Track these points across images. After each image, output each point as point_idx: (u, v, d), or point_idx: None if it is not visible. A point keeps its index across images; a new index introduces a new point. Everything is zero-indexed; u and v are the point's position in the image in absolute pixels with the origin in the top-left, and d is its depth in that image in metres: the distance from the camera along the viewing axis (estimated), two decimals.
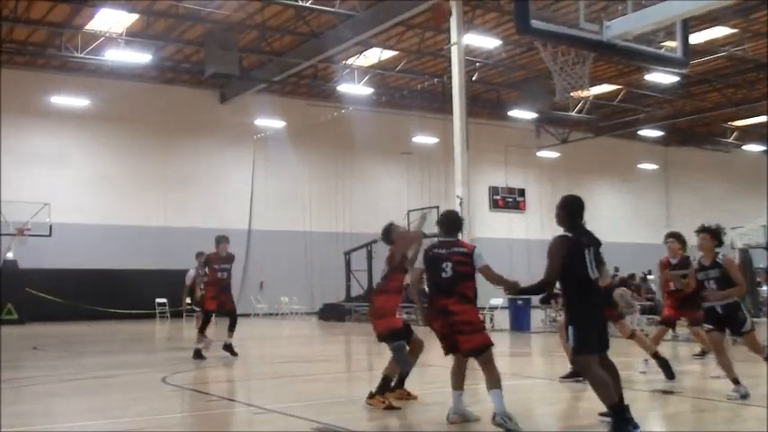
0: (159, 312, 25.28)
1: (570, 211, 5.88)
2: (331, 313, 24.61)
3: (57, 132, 26.01)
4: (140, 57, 23.14)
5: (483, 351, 6.12)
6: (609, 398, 5.52)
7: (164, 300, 25.24)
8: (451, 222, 6.55)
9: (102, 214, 26.04)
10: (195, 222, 27.21)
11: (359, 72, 26.72)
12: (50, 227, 23.78)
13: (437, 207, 26.40)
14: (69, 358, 13.45)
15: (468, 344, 6.10)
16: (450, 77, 20.34)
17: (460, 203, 19.49)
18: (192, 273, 14.77)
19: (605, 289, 8.07)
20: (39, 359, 13.06)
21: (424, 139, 31.65)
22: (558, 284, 5.92)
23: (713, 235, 7.85)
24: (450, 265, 6.22)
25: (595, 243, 5.83)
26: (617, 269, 24.40)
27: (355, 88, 26.98)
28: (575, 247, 5.70)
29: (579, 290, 5.72)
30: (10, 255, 23.60)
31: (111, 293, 24.36)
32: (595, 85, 27.58)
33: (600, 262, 5.89)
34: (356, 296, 25.07)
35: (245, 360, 12.52)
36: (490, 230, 30.88)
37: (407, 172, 31.64)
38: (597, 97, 29.60)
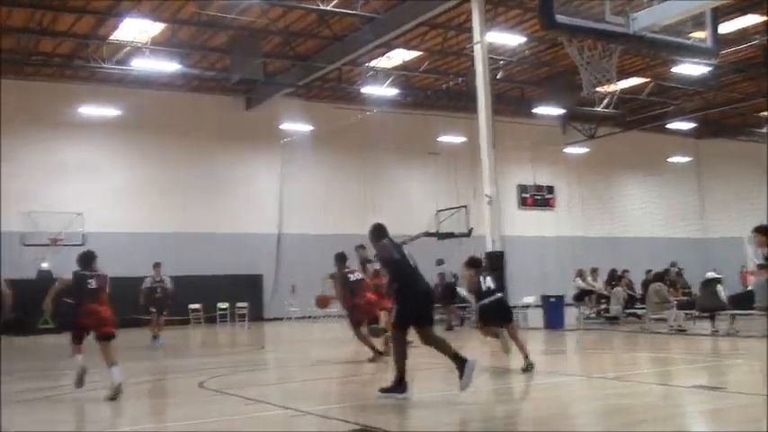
0: (193, 318, 25.54)
1: (375, 234, 7.99)
2: None
3: (86, 142, 26.36)
4: (166, 65, 23.42)
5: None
6: (400, 365, 7.36)
7: (197, 305, 25.50)
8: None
9: (134, 222, 26.35)
10: (225, 228, 27.51)
11: (383, 74, 26.79)
12: (83, 236, 24.15)
13: (465, 206, 26.50)
14: (104, 366, 13.63)
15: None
16: (474, 76, 20.33)
17: (489, 202, 19.47)
18: (148, 281, 17.02)
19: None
20: (75, 367, 13.23)
21: (451, 139, 31.60)
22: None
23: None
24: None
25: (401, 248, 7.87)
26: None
27: (380, 90, 27.04)
28: (395, 251, 7.73)
29: (409, 277, 7.66)
30: (45, 265, 23.99)
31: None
32: (623, 78, 27.34)
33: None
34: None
35: (280, 363, 12.63)
36: (520, 229, 30.77)
37: (435, 172, 31.60)
38: (624, 91, 29.31)
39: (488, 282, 10.25)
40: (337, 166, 30.24)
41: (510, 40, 23.37)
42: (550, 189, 34.88)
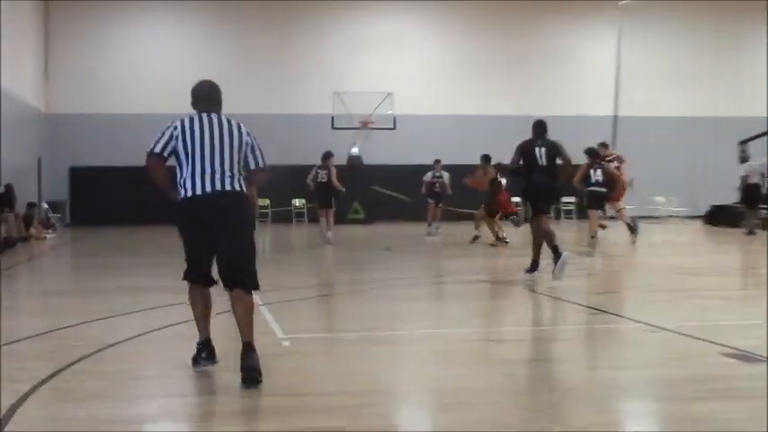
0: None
1: (535, 128, 10.27)
2: (721, 217, 23.19)
3: (393, 16, 27.32)
4: None
5: None
6: (551, 241, 9.98)
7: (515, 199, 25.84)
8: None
9: (446, 103, 27.08)
10: (550, 110, 27.10)
11: None
12: (394, 119, 25.43)
13: None
14: (417, 260, 14.43)
15: None
16: None
17: None
18: (428, 175, 19.73)
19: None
20: (387, 260, 14.18)
21: None
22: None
23: None
24: None
25: (547, 144, 10.12)
26: None
27: None
28: (529, 145, 10.14)
29: (531, 171, 10.04)
30: (355, 150, 25.68)
31: (459, 192, 25.01)
32: None
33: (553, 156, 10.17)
34: None
35: (618, 271, 12.38)
36: None
37: None
38: None
39: (598, 174, 15.11)
40: (687, 31, 28.44)
41: None
42: None
